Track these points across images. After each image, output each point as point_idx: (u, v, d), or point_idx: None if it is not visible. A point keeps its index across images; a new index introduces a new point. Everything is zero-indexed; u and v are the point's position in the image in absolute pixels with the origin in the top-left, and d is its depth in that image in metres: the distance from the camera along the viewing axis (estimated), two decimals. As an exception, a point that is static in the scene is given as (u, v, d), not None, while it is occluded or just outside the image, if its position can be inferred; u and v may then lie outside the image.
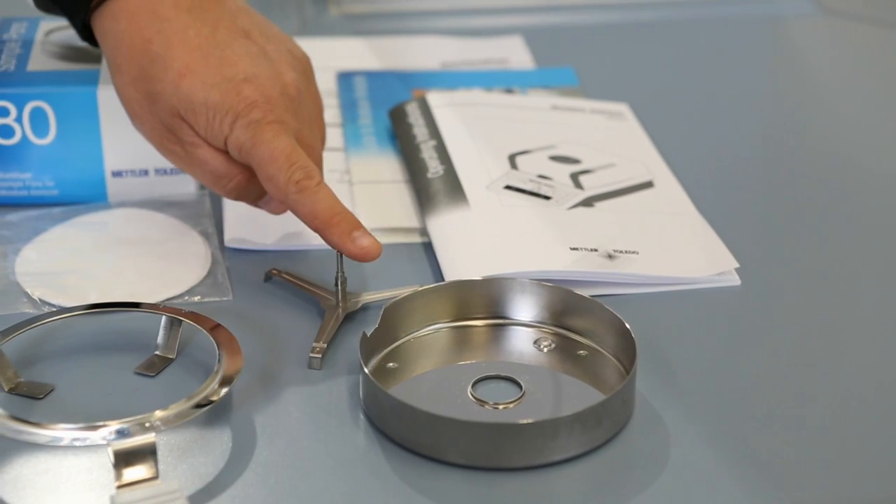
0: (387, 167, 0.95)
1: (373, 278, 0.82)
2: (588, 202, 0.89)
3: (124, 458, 0.64)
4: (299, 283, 0.80)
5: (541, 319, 0.77)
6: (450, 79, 1.09)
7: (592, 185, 0.91)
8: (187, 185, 0.90)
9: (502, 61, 1.14)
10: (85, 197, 0.90)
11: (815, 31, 1.23)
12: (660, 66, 1.16)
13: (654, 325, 0.77)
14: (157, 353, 0.75)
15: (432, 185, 0.90)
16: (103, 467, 0.66)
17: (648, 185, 0.92)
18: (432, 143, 0.95)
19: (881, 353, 0.77)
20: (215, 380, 0.68)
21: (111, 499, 0.64)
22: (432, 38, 1.18)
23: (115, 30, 0.81)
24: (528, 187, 0.90)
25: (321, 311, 0.78)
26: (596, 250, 0.83)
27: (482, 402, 0.71)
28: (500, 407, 0.70)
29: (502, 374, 0.73)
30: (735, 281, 0.82)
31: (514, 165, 0.93)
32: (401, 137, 0.97)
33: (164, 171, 0.90)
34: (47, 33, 0.94)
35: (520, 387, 0.72)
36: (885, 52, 1.20)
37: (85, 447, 0.66)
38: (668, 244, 0.85)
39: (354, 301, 0.79)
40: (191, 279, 0.82)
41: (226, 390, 0.68)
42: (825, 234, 0.89)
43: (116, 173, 0.90)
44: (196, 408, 0.67)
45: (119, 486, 0.64)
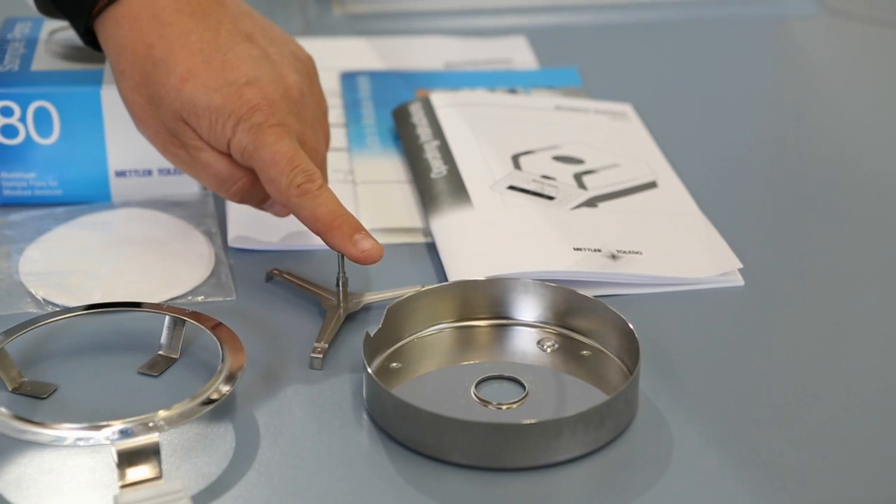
0: (390, 167, 0.95)
1: (376, 278, 0.82)
2: (591, 202, 0.89)
3: (128, 458, 0.64)
4: (300, 284, 0.80)
5: (544, 320, 0.77)
6: (453, 79, 1.09)
7: (596, 185, 0.91)
8: (191, 185, 0.90)
9: (506, 61, 1.14)
10: (88, 197, 0.90)
11: (818, 32, 1.23)
12: (663, 66, 1.16)
13: (658, 326, 0.77)
14: (160, 352, 0.75)
15: (436, 186, 0.90)
16: (107, 467, 0.66)
17: (652, 185, 0.92)
18: (436, 143, 0.95)
19: (884, 353, 0.77)
20: (219, 380, 0.68)
21: (115, 498, 0.64)
22: (436, 39, 1.18)
23: (117, 35, 0.81)
24: (531, 187, 0.90)
25: (323, 312, 0.78)
26: (599, 250, 0.83)
27: (485, 403, 0.71)
28: (504, 407, 0.70)
29: (506, 374, 0.73)
30: (738, 281, 0.82)
31: (517, 166, 0.93)
32: (404, 137, 0.97)
33: (168, 172, 0.90)
34: (51, 33, 0.94)
35: (523, 387, 0.72)
36: (889, 52, 1.20)
37: (88, 447, 0.66)
38: (671, 244, 0.85)
39: (356, 301, 0.79)
40: (194, 279, 0.82)
41: (229, 390, 0.68)
42: (828, 235, 0.89)
43: (120, 173, 0.90)
44: (199, 407, 0.67)
45: (122, 486, 0.64)
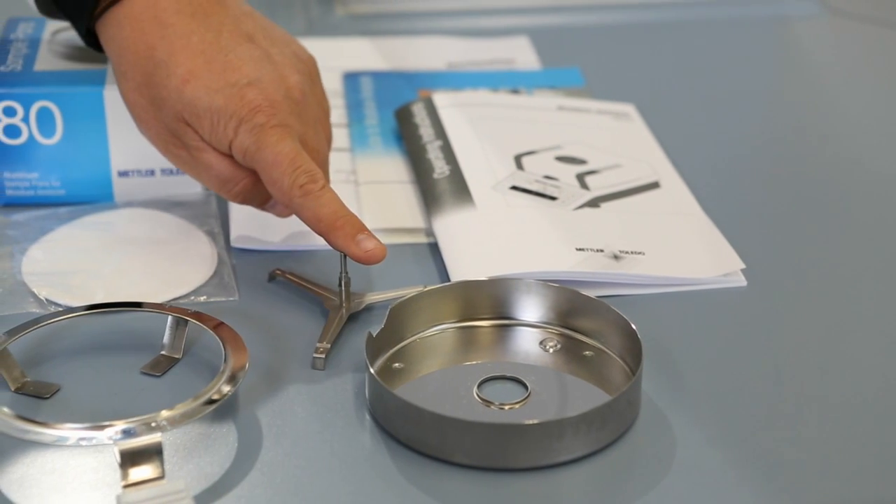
0: (393, 167, 0.95)
1: (378, 278, 0.82)
2: (594, 203, 0.89)
3: (130, 458, 0.64)
4: (302, 284, 0.80)
5: (547, 320, 0.77)
6: (456, 79, 1.09)
7: (598, 185, 0.91)
8: (193, 185, 0.90)
9: (508, 62, 1.14)
10: (91, 197, 0.90)
11: (821, 32, 1.23)
12: (666, 66, 1.16)
13: (660, 326, 0.77)
14: (162, 352, 0.75)
15: (438, 186, 0.90)
16: (109, 467, 0.66)
17: (654, 185, 0.92)
18: (438, 143, 0.95)
19: (887, 353, 0.77)
20: (221, 380, 0.68)
21: (117, 498, 0.64)
22: (438, 39, 1.18)
23: (118, 36, 0.81)
24: (534, 188, 0.90)
25: (326, 312, 0.78)
26: (602, 251, 0.83)
27: (488, 403, 0.71)
28: (506, 407, 0.70)
29: (508, 374, 0.73)
30: (741, 282, 0.82)
31: (520, 166, 0.93)
32: (407, 138, 0.97)
33: (171, 172, 0.90)
34: (54, 33, 0.94)
35: (525, 387, 0.72)
36: (891, 52, 1.19)
37: (91, 447, 0.66)
38: (674, 245, 0.85)
39: (358, 301, 0.79)
40: (197, 279, 0.82)
41: (232, 390, 0.68)
42: (831, 236, 0.89)
43: (123, 173, 0.90)
44: (202, 407, 0.67)
45: (125, 486, 0.64)
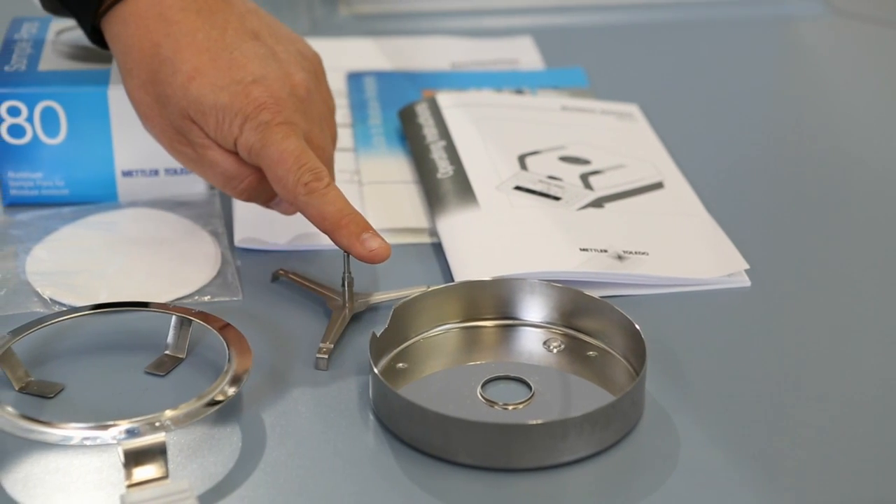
0: (396, 167, 0.95)
1: (382, 278, 0.82)
2: (598, 203, 0.89)
3: (134, 458, 0.64)
4: (306, 284, 0.80)
5: (550, 320, 0.77)
6: (460, 79, 1.09)
7: (602, 185, 0.91)
8: (197, 184, 0.91)
9: (512, 62, 1.14)
10: (95, 196, 0.90)
11: (825, 33, 1.23)
12: (670, 66, 1.16)
13: (664, 327, 0.77)
14: (166, 352, 0.75)
15: (442, 186, 0.90)
16: (113, 466, 0.66)
17: (658, 186, 0.92)
18: (442, 143, 0.95)
19: (891, 353, 0.77)
20: (225, 379, 0.69)
21: (121, 498, 0.64)
22: (442, 39, 1.18)
23: (124, 34, 0.81)
24: (537, 188, 0.90)
25: (329, 312, 0.78)
26: (606, 251, 0.83)
27: (491, 403, 0.71)
28: (510, 407, 0.70)
29: (512, 374, 0.73)
30: (745, 282, 0.82)
31: (523, 166, 0.93)
32: (410, 138, 0.97)
33: (175, 171, 0.90)
34: (58, 33, 0.94)
35: (529, 387, 0.72)
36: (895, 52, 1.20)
37: (95, 446, 0.66)
38: (677, 245, 0.85)
39: (362, 302, 0.78)
40: (201, 279, 0.82)
41: (235, 390, 0.68)
42: (835, 236, 0.89)
43: (127, 173, 0.90)
44: (206, 407, 0.67)
45: (129, 486, 0.64)
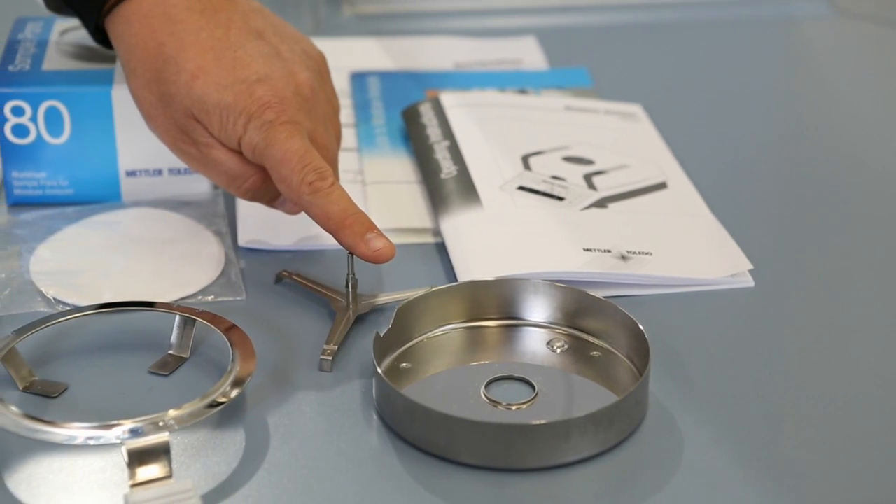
0: (400, 167, 0.95)
1: (385, 279, 0.82)
2: (601, 203, 0.89)
3: (138, 457, 0.64)
4: (309, 285, 0.80)
5: (554, 320, 0.77)
6: (463, 79, 1.09)
7: (606, 185, 0.91)
8: (201, 184, 0.91)
9: (516, 62, 1.14)
10: (99, 196, 0.90)
11: (829, 33, 1.23)
12: (673, 67, 1.16)
13: (668, 327, 0.77)
14: (170, 352, 0.75)
15: (445, 186, 0.90)
16: (117, 466, 0.66)
17: (662, 186, 0.92)
18: (446, 143, 0.95)
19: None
20: (229, 379, 0.69)
21: (125, 497, 0.64)
22: (446, 39, 1.18)
23: (128, 33, 0.81)
24: (541, 188, 0.90)
25: (333, 313, 0.78)
26: (609, 251, 0.83)
27: (495, 403, 0.71)
28: (513, 408, 0.70)
29: (515, 374, 0.73)
30: (749, 282, 0.82)
31: (527, 166, 0.93)
32: (414, 138, 0.97)
33: (178, 171, 0.90)
34: (62, 33, 0.95)
35: (533, 388, 0.72)
36: (900, 53, 1.20)
37: (99, 446, 0.66)
38: (681, 245, 0.85)
39: (365, 303, 0.78)
40: (204, 279, 0.82)
41: (239, 390, 0.68)
42: (839, 236, 0.89)
43: (130, 173, 0.90)
44: (209, 407, 0.67)
45: (133, 485, 0.64)
